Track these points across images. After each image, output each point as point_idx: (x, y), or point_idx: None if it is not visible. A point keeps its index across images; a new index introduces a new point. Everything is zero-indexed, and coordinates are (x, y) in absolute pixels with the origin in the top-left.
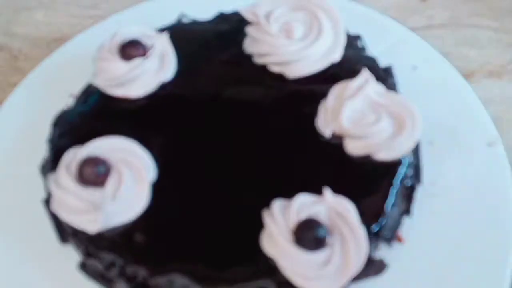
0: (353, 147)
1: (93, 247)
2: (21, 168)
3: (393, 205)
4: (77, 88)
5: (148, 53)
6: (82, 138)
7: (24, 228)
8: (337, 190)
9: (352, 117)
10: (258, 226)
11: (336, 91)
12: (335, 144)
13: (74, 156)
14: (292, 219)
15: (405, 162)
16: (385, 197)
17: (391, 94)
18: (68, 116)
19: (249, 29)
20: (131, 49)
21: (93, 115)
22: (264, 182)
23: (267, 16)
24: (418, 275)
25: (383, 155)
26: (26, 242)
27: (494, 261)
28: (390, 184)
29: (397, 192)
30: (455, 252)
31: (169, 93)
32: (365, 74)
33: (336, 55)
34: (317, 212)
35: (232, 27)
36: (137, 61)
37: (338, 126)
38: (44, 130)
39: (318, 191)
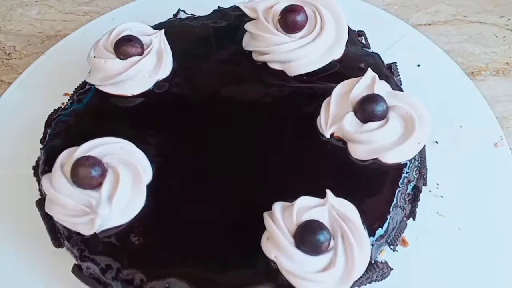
0: (357, 152)
1: (88, 250)
2: (15, 169)
3: (397, 208)
4: (72, 86)
5: (144, 51)
6: (76, 138)
7: (19, 230)
8: (339, 192)
9: (356, 121)
10: (258, 228)
11: (339, 90)
12: (338, 144)
13: (69, 156)
14: (293, 222)
15: (410, 164)
16: (389, 199)
17: (398, 94)
18: (62, 115)
19: (248, 25)
20: (127, 46)
21: (88, 114)
22: (264, 183)
23: (267, 12)
24: (423, 279)
25: (389, 158)
26: (22, 243)
27: (501, 264)
28: (394, 186)
29: (401, 194)
30: (461, 255)
31: (166, 92)
32: (370, 73)
33: (338, 52)
34: (319, 215)
35: (230, 23)
36: (133, 59)
37: (340, 130)
38: (38, 130)
39: (320, 192)
